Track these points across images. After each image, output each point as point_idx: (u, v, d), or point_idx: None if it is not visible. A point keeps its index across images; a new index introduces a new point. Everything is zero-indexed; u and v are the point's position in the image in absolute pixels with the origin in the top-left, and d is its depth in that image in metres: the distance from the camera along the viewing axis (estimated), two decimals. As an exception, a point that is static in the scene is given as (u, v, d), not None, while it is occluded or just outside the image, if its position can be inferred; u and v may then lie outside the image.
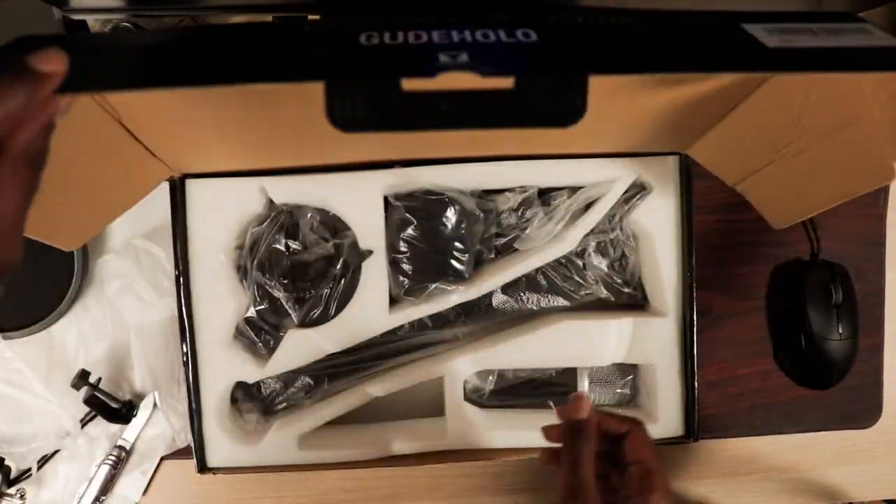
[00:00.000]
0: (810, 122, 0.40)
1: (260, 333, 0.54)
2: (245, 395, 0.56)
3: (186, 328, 0.52)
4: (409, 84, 0.25)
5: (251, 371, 0.54)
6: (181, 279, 0.52)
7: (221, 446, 0.54)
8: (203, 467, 0.54)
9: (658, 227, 0.55)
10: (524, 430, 0.55)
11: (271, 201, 0.53)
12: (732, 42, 0.28)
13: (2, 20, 0.44)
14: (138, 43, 0.31)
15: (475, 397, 0.57)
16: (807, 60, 0.27)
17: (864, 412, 0.62)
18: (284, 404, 0.56)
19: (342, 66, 0.26)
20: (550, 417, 0.56)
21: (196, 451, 0.53)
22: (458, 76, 0.24)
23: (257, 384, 0.56)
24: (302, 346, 0.53)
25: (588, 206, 0.55)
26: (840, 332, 0.58)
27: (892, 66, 0.27)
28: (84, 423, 0.57)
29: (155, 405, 0.57)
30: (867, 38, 0.29)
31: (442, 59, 0.25)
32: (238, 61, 0.26)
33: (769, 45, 0.28)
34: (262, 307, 0.53)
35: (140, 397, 0.58)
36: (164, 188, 0.51)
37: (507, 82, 0.25)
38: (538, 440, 0.55)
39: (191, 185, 0.52)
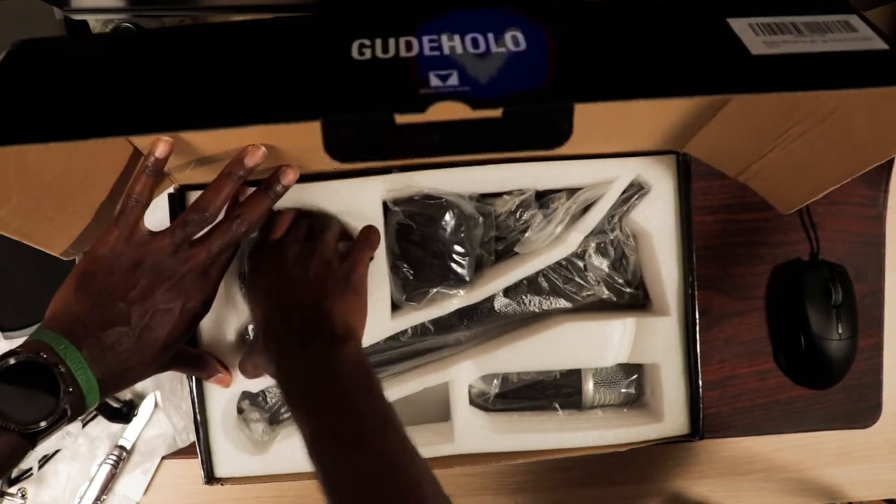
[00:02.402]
0: (810, 105, 0.39)
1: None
2: (251, 405, 0.56)
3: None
4: (402, 118, 0.26)
5: (256, 380, 0.52)
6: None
7: (229, 457, 0.53)
8: (211, 478, 0.53)
9: (657, 226, 0.55)
10: (531, 433, 0.55)
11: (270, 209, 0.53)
12: (717, 48, 0.29)
13: (2, 20, 0.44)
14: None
15: (480, 401, 0.57)
16: (789, 78, 0.28)
17: (863, 412, 0.62)
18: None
19: (338, 101, 0.27)
20: (556, 419, 0.56)
21: (203, 463, 0.53)
22: (448, 106, 0.25)
23: (262, 393, 0.56)
24: None
25: (587, 208, 0.54)
26: (839, 331, 0.58)
27: (869, 82, 0.28)
28: (85, 422, 0.57)
29: (156, 405, 0.58)
30: (851, 38, 0.29)
31: (433, 83, 0.26)
32: (240, 100, 0.27)
33: (753, 51, 0.28)
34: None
35: (141, 397, 0.58)
36: (164, 197, 0.51)
37: (495, 112, 0.26)
38: (545, 443, 0.55)
39: (191, 196, 0.51)
